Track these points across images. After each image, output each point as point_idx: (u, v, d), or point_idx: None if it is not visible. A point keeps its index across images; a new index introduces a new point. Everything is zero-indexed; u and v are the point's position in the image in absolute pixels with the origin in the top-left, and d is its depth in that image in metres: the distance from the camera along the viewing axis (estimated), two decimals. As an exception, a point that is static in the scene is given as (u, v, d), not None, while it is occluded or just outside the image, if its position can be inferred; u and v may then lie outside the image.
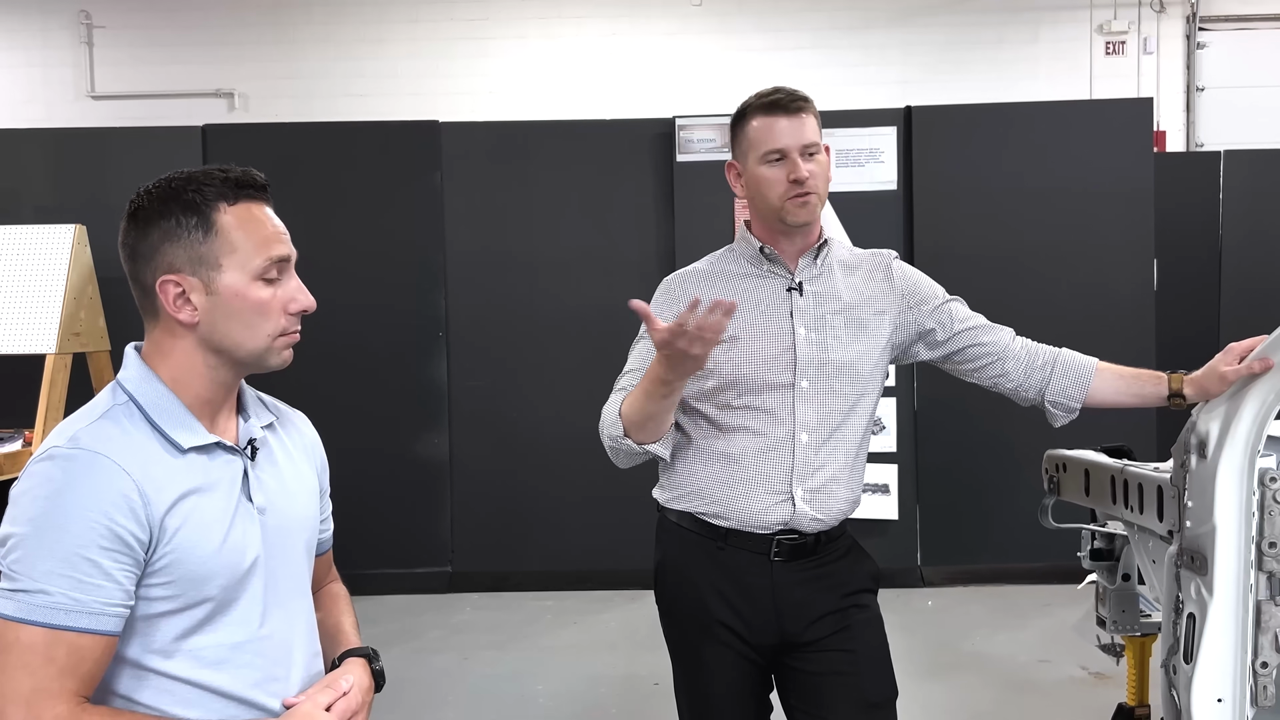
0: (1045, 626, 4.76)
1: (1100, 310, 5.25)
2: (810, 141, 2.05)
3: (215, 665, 1.39)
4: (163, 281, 1.40)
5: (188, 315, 1.41)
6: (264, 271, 1.42)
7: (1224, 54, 8.38)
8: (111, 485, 1.31)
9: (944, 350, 2.19)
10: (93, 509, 1.29)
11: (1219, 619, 1.89)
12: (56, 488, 1.30)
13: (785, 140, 2.04)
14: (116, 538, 1.30)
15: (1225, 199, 5.99)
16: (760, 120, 2.06)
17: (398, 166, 5.46)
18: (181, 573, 1.36)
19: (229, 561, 1.39)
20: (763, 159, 2.05)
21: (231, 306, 1.41)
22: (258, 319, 1.42)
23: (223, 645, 1.40)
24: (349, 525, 5.75)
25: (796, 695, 2.09)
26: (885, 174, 5.34)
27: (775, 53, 8.29)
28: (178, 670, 1.37)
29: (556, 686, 4.19)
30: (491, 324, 5.47)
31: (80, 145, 5.53)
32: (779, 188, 2.04)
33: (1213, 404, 1.97)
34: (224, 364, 1.44)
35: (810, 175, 2.04)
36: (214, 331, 1.42)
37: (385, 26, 8.55)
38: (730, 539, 2.06)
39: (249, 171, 1.45)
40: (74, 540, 1.28)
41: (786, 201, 2.04)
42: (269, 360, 1.46)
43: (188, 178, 1.42)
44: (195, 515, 1.37)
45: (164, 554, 1.34)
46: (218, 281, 1.40)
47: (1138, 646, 2.75)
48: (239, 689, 1.41)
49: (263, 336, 1.43)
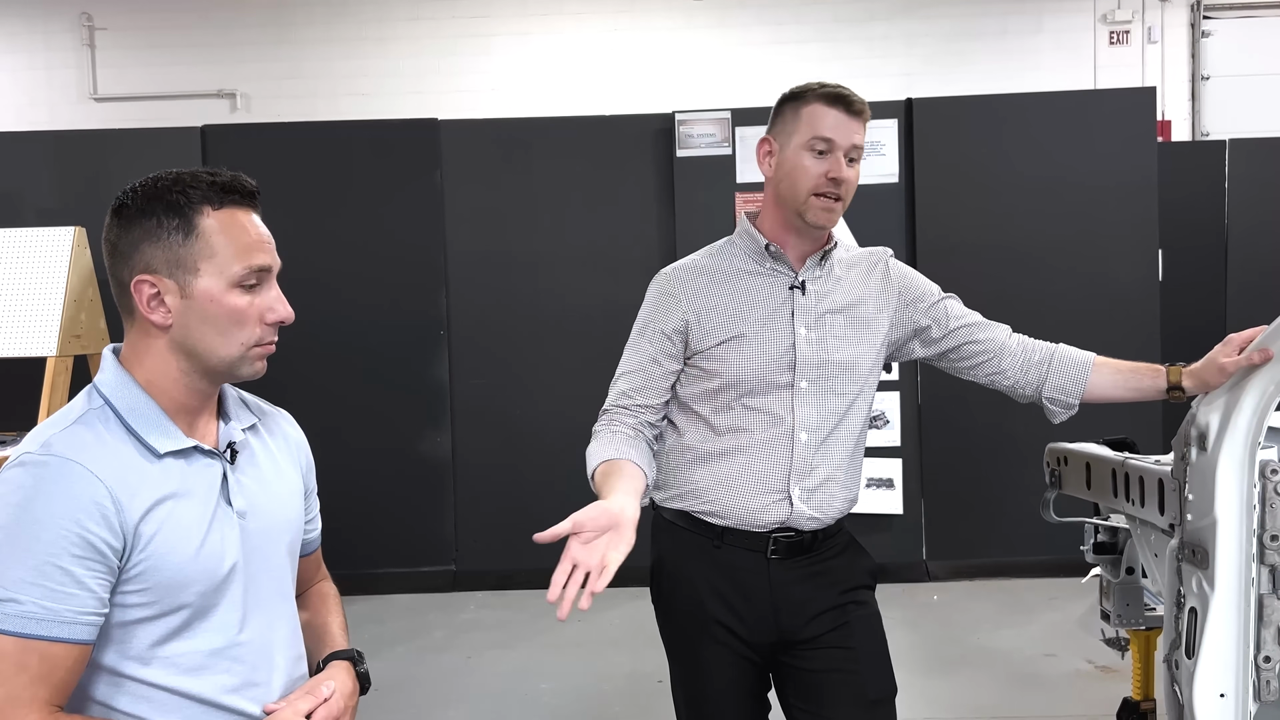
0: (1050, 620, 4.74)
1: (1105, 302, 5.22)
2: (858, 145, 2.02)
3: (193, 672, 1.38)
4: (138, 281, 1.39)
5: (160, 317, 1.39)
6: (241, 279, 1.40)
7: (1229, 42, 8.33)
8: (84, 492, 1.29)
9: (939, 348, 2.17)
10: (64, 516, 1.28)
11: (1221, 613, 1.87)
12: (28, 495, 1.29)
13: (838, 133, 1.99)
14: (89, 545, 1.29)
15: (1231, 188, 5.95)
16: (820, 107, 2.01)
17: (398, 165, 5.45)
18: (157, 580, 1.34)
19: (206, 568, 1.38)
20: (807, 145, 2.00)
21: (205, 312, 1.39)
22: (231, 327, 1.40)
23: (200, 652, 1.38)
24: (354, 525, 5.79)
25: (795, 693, 2.08)
26: (887, 167, 5.31)
27: (777, 46, 8.26)
28: (155, 677, 1.36)
29: (561, 684, 4.19)
30: (493, 322, 5.46)
31: (79, 147, 5.53)
32: (812, 180, 1.99)
33: (1212, 396, 1.95)
34: (196, 369, 1.42)
35: (846, 180, 2.01)
36: (187, 336, 1.40)
37: (386, 25, 8.54)
38: (727, 537, 2.05)
39: (238, 177, 1.43)
40: (45, 548, 1.27)
41: (813, 197, 2.00)
42: (240, 369, 1.44)
43: (175, 178, 1.41)
44: (171, 521, 1.35)
45: (138, 561, 1.33)
46: (193, 286, 1.38)
47: (1143, 640, 2.73)
48: (217, 695, 1.39)
49: (235, 345, 1.41)
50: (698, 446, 2.07)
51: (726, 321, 2.05)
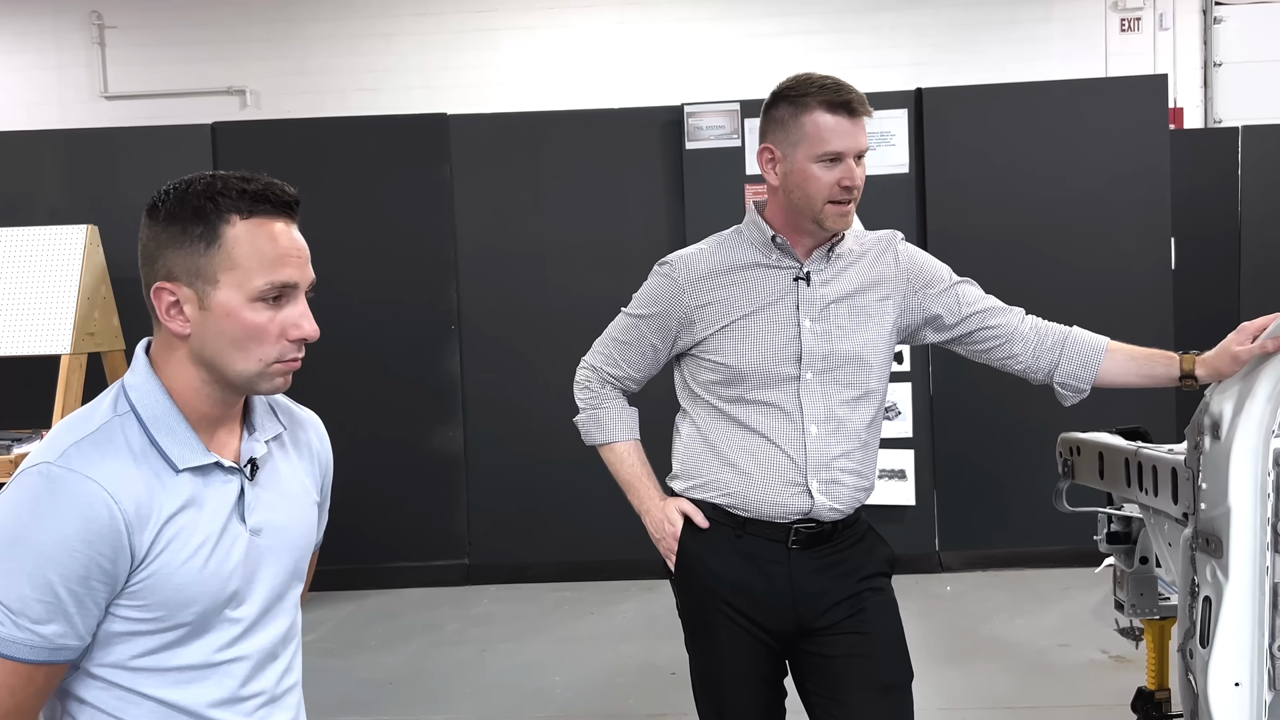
0: (1064, 610, 4.73)
1: (1117, 291, 5.19)
2: (865, 147, 2.03)
3: (180, 684, 1.35)
4: (157, 288, 1.34)
5: (179, 326, 1.34)
6: (263, 294, 1.33)
7: (1241, 28, 8.26)
8: (97, 515, 1.26)
9: (952, 334, 2.16)
10: (75, 539, 1.25)
11: (1235, 602, 1.86)
12: (42, 510, 1.26)
13: (846, 144, 1.99)
14: (96, 567, 1.26)
15: (1244, 175, 5.91)
16: (824, 117, 1.98)
17: (407, 160, 5.45)
18: (158, 597, 1.31)
19: (209, 588, 1.34)
20: (817, 158, 1.99)
21: (221, 325, 1.33)
22: (249, 342, 1.34)
23: (191, 665, 1.35)
24: (367, 520, 5.80)
25: (812, 679, 2.09)
26: (897, 157, 5.29)
27: (785, 37, 8.23)
28: (139, 685, 1.33)
29: (574, 677, 4.20)
30: (503, 315, 5.47)
31: (90, 146, 5.55)
32: (826, 190, 2.00)
33: (1226, 384, 1.94)
34: (216, 380, 1.36)
35: (858, 184, 2.01)
36: (204, 347, 1.34)
37: (394, 20, 8.55)
38: (748, 527, 2.07)
39: (273, 184, 1.35)
40: (55, 568, 1.25)
41: (828, 205, 2.01)
42: (259, 385, 1.38)
43: (207, 183, 1.34)
44: (179, 540, 1.32)
45: (142, 578, 1.30)
46: (211, 297, 1.32)
47: (1157, 630, 2.73)
48: (202, 708, 1.36)
49: (253, 360, 1.35)
50: (714, 438, 2.09)
51: (728, 311, 2.06)
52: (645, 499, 2.16)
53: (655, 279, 2.16)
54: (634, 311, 2.19)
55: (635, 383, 2.24)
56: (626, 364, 2.21)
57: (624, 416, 2.22)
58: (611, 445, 2.21)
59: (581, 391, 2.25)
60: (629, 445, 2.21)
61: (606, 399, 2.23)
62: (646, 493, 2.16)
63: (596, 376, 2.24)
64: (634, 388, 2.26)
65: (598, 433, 2.22)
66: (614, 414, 2.21)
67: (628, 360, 2.20)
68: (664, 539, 2.12)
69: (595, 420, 2.22)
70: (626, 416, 2.23)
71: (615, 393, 2.24)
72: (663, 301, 2.12)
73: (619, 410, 2.22)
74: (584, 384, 2.25)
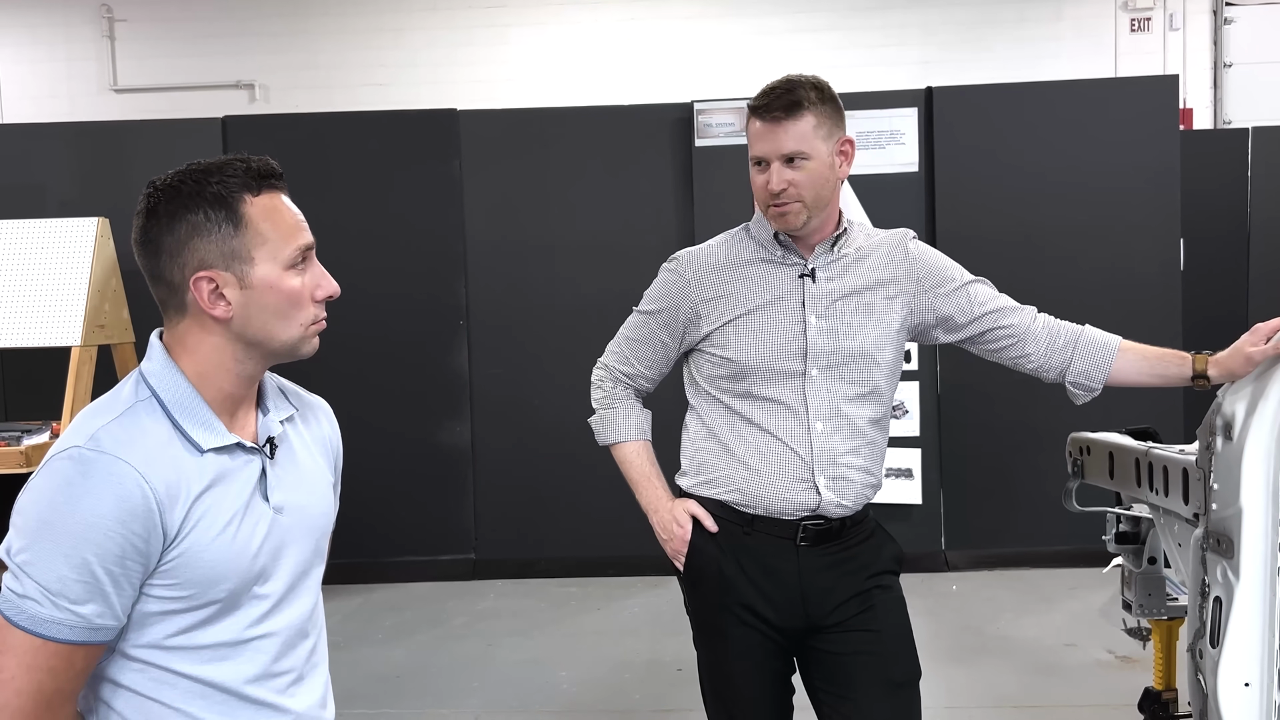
0: (1071, 610, 4.73)
1: (1126, 292, 5.18)
2: (793, 151, 2.00)
3: (213, 660, 1.38)
4: (197, 279, 1.37)
5: (222, 311, 1.39)
6: (293, 261, 1.41)
7: (1251, 29, 8.25)
8: (132, 494, 1.29)
9: (964, 334, 2.16)
10: (110, 518, 1.28)
11: (1246, 602, 1.86)
12: (76, 492, 1.28)
13: (764, 148, 2.03)
14: (132, 547, 1.29)
15: (1253, 176, 5.90)
16: (752, 122, 2.06)
17: (416, 155, 5.46)
18: (189, 575, 1.34)
19: (238, 565, 1.38)
20: (751, 161, 2.07)
21: (265, 299, 1.40)
22: (292, 309, 1.42)
23: (223, 642, 1.39)
24: (374, 514, 5.81)
25: (821, 677, 2.09)
26: (906, 156, 5.29)
27: (794, 35, 8.23)
28: (172, 663, 1.37)
29: (580, 672, 4.20)
30: (512, 311, 5.47)
31: (101, 139, 5.56)
32: (760, 194, 2.06)
33: (1239, 385, 1.94)
34: (254, 356, 1.43)
35: (790, 184, 2.00)
36: (248, 325, 1.40)
37: (403, 15, 8.56)
38: (756, 524, 2.07)
39: (267, 160, 1.43)
40: (92, 548, 1.27)
41: (769, 208, 2.05)
42: (301, 349, 1.45)
43: (208, 170, 1.39)
44: (207, 519, 1.36)
45: (173, 556, 1.33)
46: (251, 275, 1.39)
47: (1164, 630, 2.73)
48: (237, 684, 1.40)
49: (296, 326, 1.43)
50: (721, 435, 2.10)
51: (734, 306, 2.09)
52: (653, 499, 2.17)
53: (663, 275, 2.19)
54: (643, 308, 2.22)
55: (648, 380, 2.26)
56: (638, 361, 2.23)
57: (634, 417, 2.24)
58: (621, 445, 2.23)
59: (595, 391, 2.28)
60: (638, 445, 2.23)
61: (618, 399, 2.25)
62: (654, 493, 2.18)
63: (609, 376, 2.27)
64: (647, 386, 2.27)
65: (608, 432, 2.25)
66: (625, 414, 2.24)
67: (639, 357, 2.23)
68: (671, 540, 2.13)
69: (606, 420, 2.25)
70: (637, 417, 2.24)
71: (628, 392, 2.26)
72: (670, 296, 2.15)
73: (630, 410, 2.24)
74: (598, 384, 2.29)
